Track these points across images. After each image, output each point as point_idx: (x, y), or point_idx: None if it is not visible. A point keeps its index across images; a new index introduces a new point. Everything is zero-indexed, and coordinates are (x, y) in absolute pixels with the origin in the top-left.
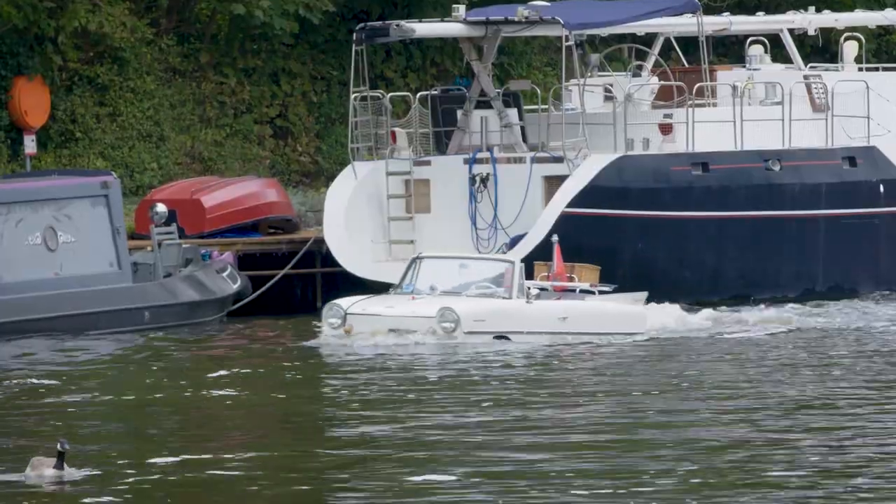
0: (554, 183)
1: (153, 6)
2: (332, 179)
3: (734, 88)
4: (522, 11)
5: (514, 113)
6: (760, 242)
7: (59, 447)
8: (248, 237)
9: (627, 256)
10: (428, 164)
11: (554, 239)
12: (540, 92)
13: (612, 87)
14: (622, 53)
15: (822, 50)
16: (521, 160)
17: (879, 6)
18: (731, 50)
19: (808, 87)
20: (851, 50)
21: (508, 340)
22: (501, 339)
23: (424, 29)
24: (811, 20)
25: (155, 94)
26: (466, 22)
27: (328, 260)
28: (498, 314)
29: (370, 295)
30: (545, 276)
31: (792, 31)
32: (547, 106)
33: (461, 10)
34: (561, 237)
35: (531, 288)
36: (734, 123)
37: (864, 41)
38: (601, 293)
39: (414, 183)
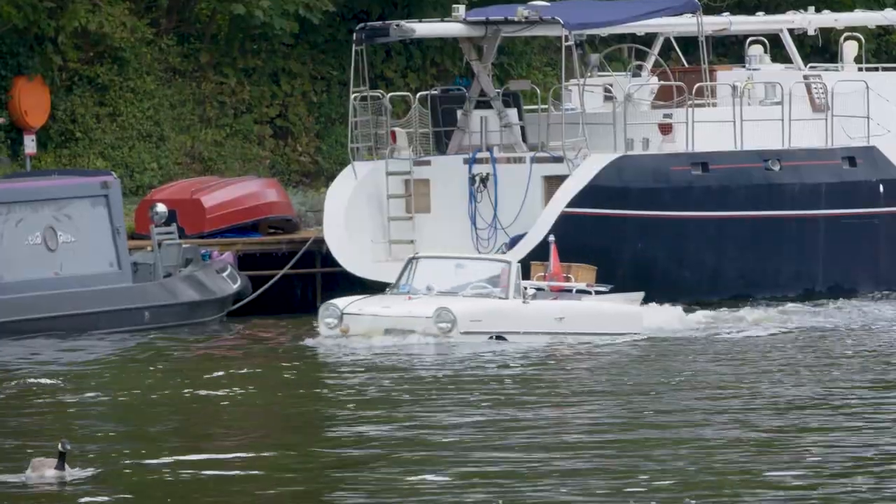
0: (554, 183)
1: (153, 6)
2: (332, 179)
3: (734, 88)
4: (522, 11)
5: (513, 113)
6: (760, 242)
7: (60, 447)
8: (248, 237)
9: (627, 256)
10: (428, 163)
11: (550, 239)
12: (540, 92)
13: (611, 87)
14: (622, 53)
15: (821, 50)
16: (520, 160)
17: (879, 6)
18: (730, 50)
19: (807, 87)
20: (851, 50)
21: (505, 340)
22: (498, 339)
23: (424, 29)
24: (811, 20)
25: (155, 94)
26: (466, 22)
27: (328, 260)
28: (494, 314)
29: (366, 295)
30: (541, 276)
31: (792, 31)
32: (547, 106)
33: (461, 10)
34: (561, 237)
35: (528, 288)
36: (734, 123)
37: (863, 41)
38: (597, 293)
39: (414, 183)
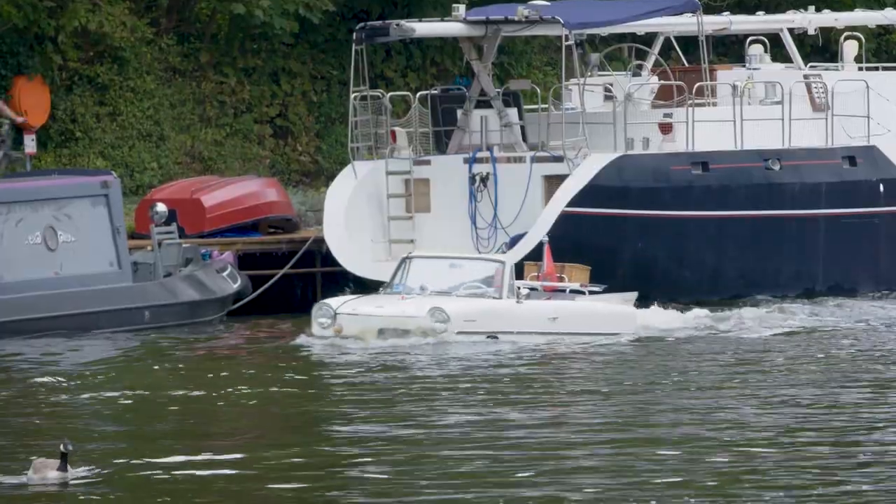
0: (554, 182)
1: (153, 6)
2: (332, 179)
3: (734, 88)
4: (522, 11)
5: (513, 112)
6: (760, 242)
7: (62, 448)
8: (248, 237)
9: (627, 256)
10: (428, 163)
11: (544, 239)
12: (540, 91)
13: (612, 86)
14: (622, 53)
15: (822, 49)
16: (520, 160)
17: (879, 6)
18: (731, 49)
19: (808, 86)
20: (851, 49)
21: (499, 340)
22: (492, 338)
23: (424, 28)
24: (811, 20)
25: (155, 93)
26: (466, 21)
27: (328, 259)
28: (488, 314)
29: (360, 294)
30: (535, 276)
31: (792, 30)
32: (547, 105)
33: (461, 9)
34: (561, 236)
35: (521, 288)
36: (734, 123)
37: (863, 41)
38: (591, 293)
39: (414, 182)
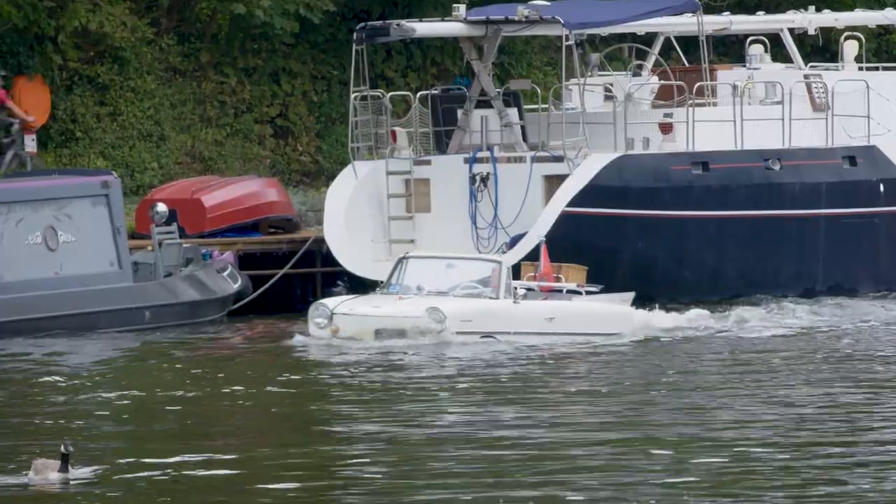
0: (554, 182)
1: (153, 6)
2: (332, 179)
3: (734, 88)
4: (522, 11)
5: (514, 112)
6: (760, 242)
7: (62, 449)
8: (248, 237)
9: (627, 256)
10: (428, 163)
11: (541, 239)
12: (540, 91)
13: (612, 86)
14: (622, 53)
15: (822, 49)
16: (521, 159)
17: (879, 6)
18: (731, 49)
19: (808, 86)
20: (851, 49)
21: (495, 341)
22: (488, 339)
23: (425, 28)
24: (811, 20)
25: (155, 93)
26: (467, 21)
27: (328, 259)
28: (485, 314)
29: (356, 294)
30: (532, 276)
31: (792, 30)
32: (547, 105)
33: (461, 9)
34: (561, 236)
35: (518, 288)
36: (734, 123)
37: (864, 40)
38: (588, 293)
39: (414, 182)
